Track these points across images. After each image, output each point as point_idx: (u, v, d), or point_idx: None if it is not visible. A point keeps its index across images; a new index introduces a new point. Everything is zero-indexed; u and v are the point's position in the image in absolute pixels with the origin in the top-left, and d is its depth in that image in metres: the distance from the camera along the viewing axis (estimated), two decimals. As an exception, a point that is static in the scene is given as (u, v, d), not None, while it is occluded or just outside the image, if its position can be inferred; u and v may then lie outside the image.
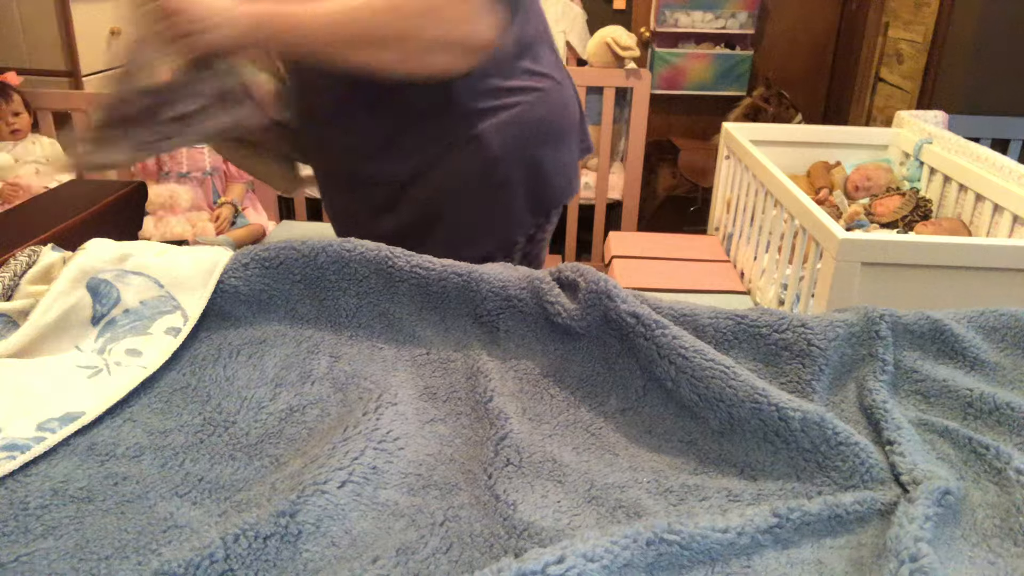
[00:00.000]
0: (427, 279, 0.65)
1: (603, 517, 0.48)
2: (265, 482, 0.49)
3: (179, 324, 0.63)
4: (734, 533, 0.44)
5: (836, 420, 0.53)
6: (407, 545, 0.45)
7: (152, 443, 0.53)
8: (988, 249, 1.24)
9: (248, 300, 0.66)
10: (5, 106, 2.41)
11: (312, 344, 0.63)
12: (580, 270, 0.64)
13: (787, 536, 0.45)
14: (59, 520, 0.45)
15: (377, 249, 0.66)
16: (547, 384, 0.61)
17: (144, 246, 0.68)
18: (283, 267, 0.66)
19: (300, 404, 0.57)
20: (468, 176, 0.85)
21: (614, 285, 0.62)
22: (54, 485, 0.48)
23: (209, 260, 0.67)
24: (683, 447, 0.56)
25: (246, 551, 0.42)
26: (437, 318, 0.65)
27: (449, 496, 0.49)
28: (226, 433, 0.54)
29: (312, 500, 0.45)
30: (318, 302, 0.66)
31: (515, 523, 0.46)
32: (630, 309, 0.60)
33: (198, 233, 2.31)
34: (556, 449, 0.54)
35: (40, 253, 0.68)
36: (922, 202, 1.83)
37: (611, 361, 0.61)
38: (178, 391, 0.58)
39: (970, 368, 0.63)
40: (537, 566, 0.39)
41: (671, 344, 0.58)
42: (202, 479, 0.50)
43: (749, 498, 0.50)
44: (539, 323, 0.64)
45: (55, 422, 0.52)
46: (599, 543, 0.41)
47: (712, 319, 0.63)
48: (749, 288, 1.84)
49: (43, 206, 1.11)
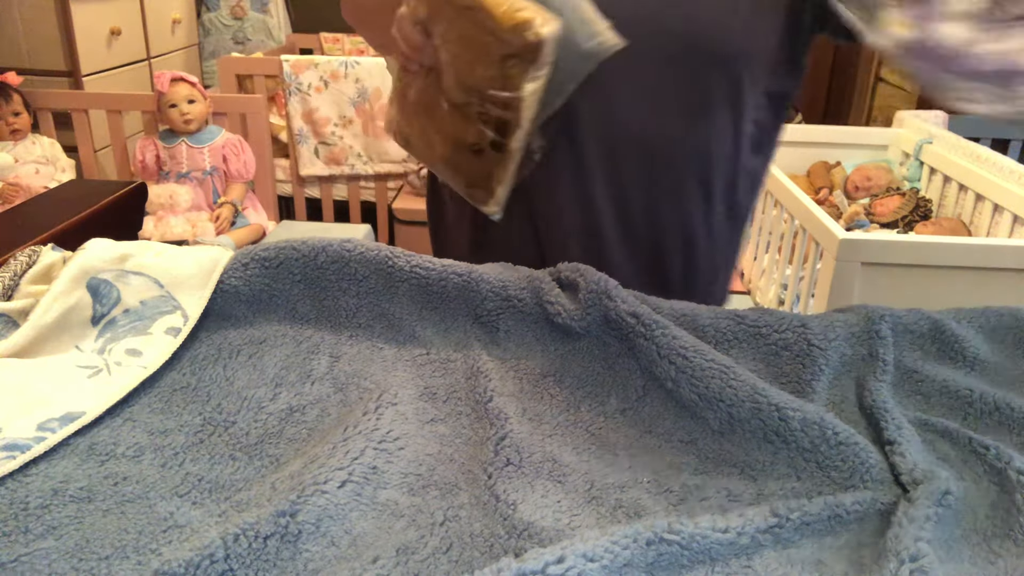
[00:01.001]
0: (427, 279, 0.65)
1: (603, 517, 0.48)
2: (265, 482, 0.49)
3: (179, 324, 0.63)
4: (734, 533, 0.44)
5: (836, 420, 0.53)
6: (407, 545, 0.45)
7: (152, 443, 0.53)
8: (988, 249, 1.24)
9: (248, 300, 0.66)
10: (5, 106, 2.41)
11: (312, 344, 0.63)
12: (580, 270, 0.64)
13: (787, 536, 0.45)
14: (59, 520, 0.45)
15: (377, 249, 0.66)
16: (547, 384, 0.61)
17: (144, 246, 0.68)
18: (283, 267, 0.66)
19: (300, 404, 0.57)
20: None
21: (614, 285, 0.62)
22: (54, 485, 0.48)
23: (209, 260, 0.67)
24: (683, 447, 0.56)
25: (246, 551, 0.42)
26: (437, 318, 0.65)
27: (449, 496, 0.49)
28: (226, 433, 0.54)
29: (312, 500, 0.45)
30: (318, 302, 0.66)
31: (515, 523, 0.46)
32: (630, 309, 0.60)
33: (198, 233, 2.31)
34: (556, 449, 0.54)
35: (40, 253, 0.68)
36: (922, 202, 1.83)
37: (611, 361, 0.61)
38: (178, 391, 0.58)
39: (970, 368, 0.63)
40: (537, 566, 0.39)
41: (671, 344, 0.58)
42: (202, 479, 0.50)
43: (749, 498, 0.50)
44: (539, 323, 0.64)
45: (55, 422, 0.52)
46: (599, 543, 0.41)
47: (712, 319, 0.63)
48: (749, 288, 1.84)
49: (43, 206, 1.11)
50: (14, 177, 2.35)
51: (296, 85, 2.79)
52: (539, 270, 0.67)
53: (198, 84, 2.46)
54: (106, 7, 2.93)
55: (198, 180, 2.44)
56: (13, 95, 2.42)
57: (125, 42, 3.07)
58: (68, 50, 2.76)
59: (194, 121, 2.40)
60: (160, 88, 2.39)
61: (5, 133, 2.42)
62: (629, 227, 0.77)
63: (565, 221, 0.76)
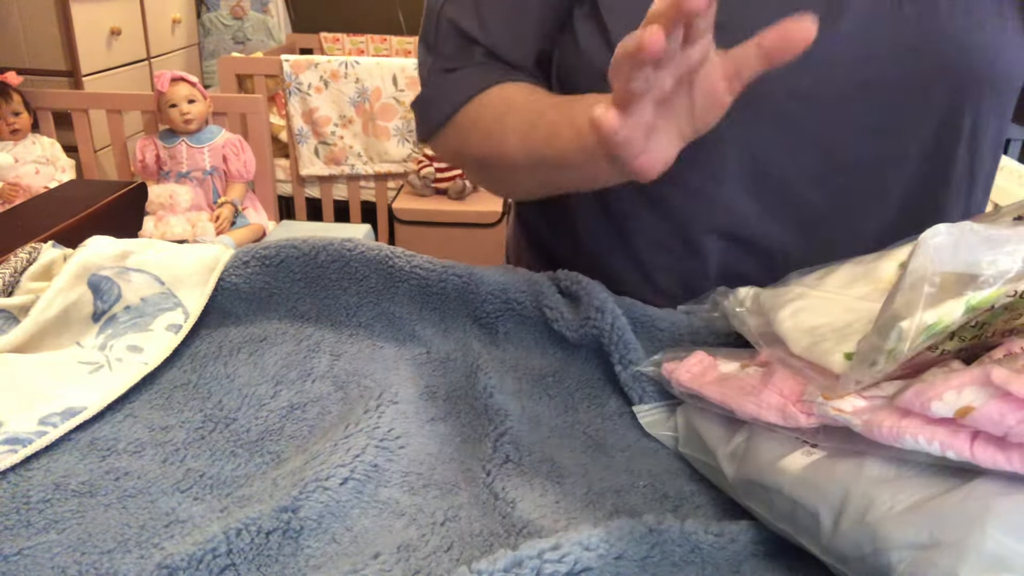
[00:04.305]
0: (427, 279, 0.65)
1: (599, 521, 0.48)
2: (266, 478, 0.50)
3: (180, 321, 0.63)
4: (727, 538, 0.44)
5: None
6: (408, 543, 0.45)
7: (153, 439, 0.53)
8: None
9: (248, 298, 0.66)
10: (5, 106, 2.41)
11: (313, 342, 0.63)
12: (580, 282, 0.64)
13: (780, 546, 0.45)
14: (61, 514, 0.45)
15: (378, 249, 0.66)
16: (546, 384, 0.61)
17: (145, 243, 0.68)
18: (283, 265, 0.66)
19: (301, 402, 0.57)
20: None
21: (611, 300, 0.62)
22: (56, 479, 0.48)
23: (210, 257, 0.67)
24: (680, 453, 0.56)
25: (248, 546, 0.42)
26: (437, 318, 0.66)
27: (449, 496, 0.49)
28: (227, 430, 0.54)
29: (314, 496, 0.46)
30: (318, 300, 0.66)
31: (514, 521, 0.47)
32: (623, 337, 0.60)
33: (198, 233, 2.31)
34: (554, 450, 0.54)
35: (40, 250, 0.69)
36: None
37: (611, 365, 0.61)
38: (179, 388, 0.58)
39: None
40: (533, 552, 0.39)
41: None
42: (203, 475, 0.50)
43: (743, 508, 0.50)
44: (538, 326, 0.64)
45: (56, 417, 0.52)
46: (594, 532, 0.41)
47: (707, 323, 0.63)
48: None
49: (43, 206, 1.12)
50: (14, 177, 2.35)
51: (296, 85, 2.79)
52: (539, 274, 0.67)
53: (198, 84, 2.47)
54: (106, 7, 2.93)
55: (198, 180, 2.45)
56: (13, 95, 2.42)
57: (125, 42, 3.08)
58: (68, 50, 2.77)
59: (194, 121, 2.41)
60: (160, 88, 2.40)
61: (5, 133, 2.42)
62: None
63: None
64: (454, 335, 0.65)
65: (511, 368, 0.62)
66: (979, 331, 0.41)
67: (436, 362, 0.63)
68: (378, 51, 3.86)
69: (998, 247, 0.39)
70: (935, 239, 0.39)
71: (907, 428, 0.37)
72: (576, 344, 0.63)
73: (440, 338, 0.65)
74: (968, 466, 0.36)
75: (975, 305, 0.38)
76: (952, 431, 0.36)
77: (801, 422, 0.44)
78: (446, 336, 0.65)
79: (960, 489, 0.36)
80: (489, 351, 0.63)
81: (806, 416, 0.44)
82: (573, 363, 0.63)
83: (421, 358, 0.63)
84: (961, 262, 0.39)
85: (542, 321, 0.64)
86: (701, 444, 0.52)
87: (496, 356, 0.63)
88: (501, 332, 0.64)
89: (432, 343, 0.64)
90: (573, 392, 0.61)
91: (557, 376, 0.62)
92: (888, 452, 0.39)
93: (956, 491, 0.36)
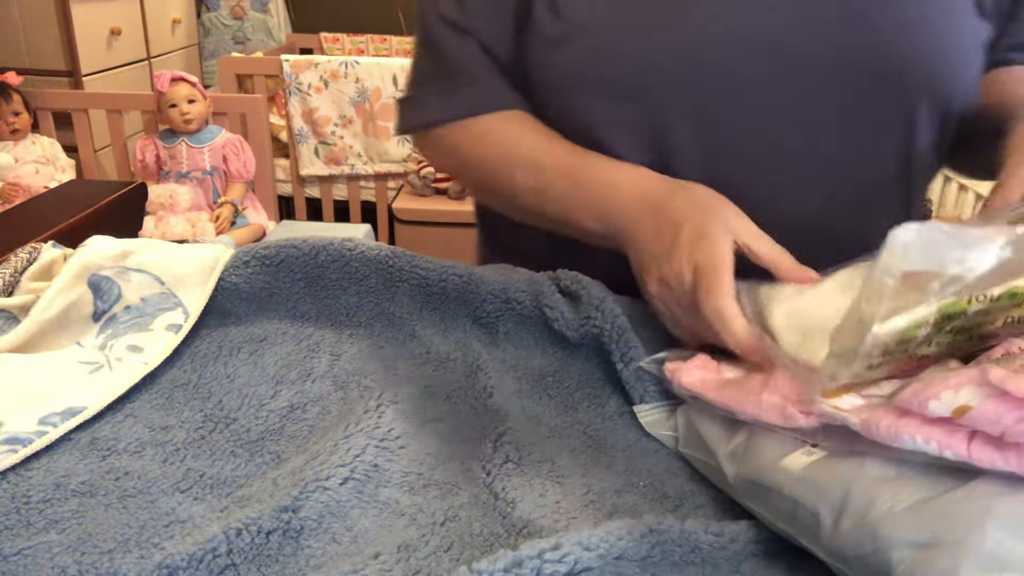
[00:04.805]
0: (427, 279, 0.65)
1: (599, 521, 0.48)
2: (266, 478, 0.50)
3: (180, 321, 0.63)
4: (727, 538, 0.44)
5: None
6: (408, 543, 0.45)
7: (153, 439, 0.53)
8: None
9: (249, 298, 0.66)
10: (5, 106, 2.41)
11: (313, 342, 0.63)
12: (580, 281, 0.64)
13: (780, 546, 0.45)
14: (61, 514, 0.45)
15: (378, 248, 0.66)
16: (546, 384, 0.61)
17: (145, 243, 0.68)
18: (284, 265, 0.66)
19: (301, 402, 0.57)
20: None
21: (612, 301, 0.62)
22: (56, 479, 0.48)
23: (210, 257, 0.67)
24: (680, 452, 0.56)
25: (248, 545, 0.42)
26: (437, 318, 0.66)
27: (449, 496, 0.49)
28: (227, 430, 0.54)
29: (314, 496, 0.46)
30: (319, 300, 0.66)
31: (514, 521, 0.47)
32: (623, 338, 0.60)
33: (198, 233, 2.31)
34: (554, 450, 0.54)
35: (40, 250, 0.69)
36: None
37: (610, 365, 0.61)
38: (179, 388, 0.58)
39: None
40: (533, 552, 0.39)
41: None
42: (203, 475, 0.50)
43: (743, 509, 0.50)
44: (538, 326, 0.64)
45: (56, 416, 0.52)
46: (595, 533, 0.41)
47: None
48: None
49: (43, 206, 1.12)
50: (14, 177, 2.35)
51: (296, 85, 2.79)
52: (539, 273, 0.67)
53: (198, 84, 2.47)
54: (106, 7, 2.93)
55: (198, 180, 2.45)
56: (13, 95, 2.42)
57: (125, 42, 3.08)
58: (68, 50, 2.77)
59: (194, 121, 2.41)
60: (160, 88, 2.40)
61: (5, 133, 2.42)
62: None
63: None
64: (454, 335, 0.65)
65: (511, 368, 0.62)
66: (968, 333, 0.41)
67: (436, 361, 0.63)
68: (378, 51, 3.86)
69: (966, 247, 0.39)
70: (903, 237, 0.39)
71: (905, 427, 0.37)
72: (576, 344, 0.63)
73: (440, 338, 0.65)
74: (966, 466, 0.36)
75: (948, 311, 0.38)
76: (949, 431, 0.36)
77: (801, 422, 0.44)
78: (446, 336, 0.65)
79: (961, 489, 0.36)
80: (489, 351, 0.63)
81: (806, 416, 0.44)
82: (573, 363, 0.63)
83: (421, 357, 0.63)
84: (929, 260, 0.39)
85: (542, 321, 0.64)
86: (701, 444, 0.52)
87: (496, 356, 0.63)
88: (501, 332, 0.64)
89: (432, 343, 0.64)
90: (573, 392, 0.61)
91: (557, 376, 0.62)
92: (888, 452, 0.39)
93: (957, 491, 0.36)
